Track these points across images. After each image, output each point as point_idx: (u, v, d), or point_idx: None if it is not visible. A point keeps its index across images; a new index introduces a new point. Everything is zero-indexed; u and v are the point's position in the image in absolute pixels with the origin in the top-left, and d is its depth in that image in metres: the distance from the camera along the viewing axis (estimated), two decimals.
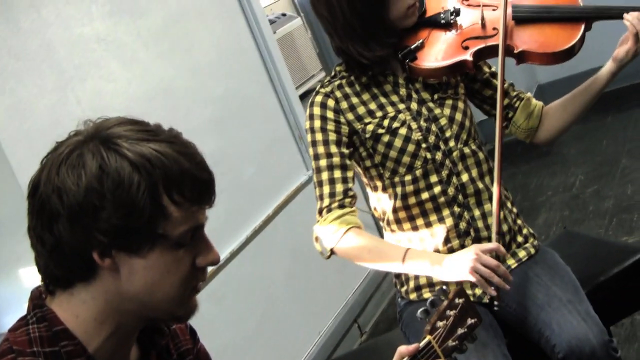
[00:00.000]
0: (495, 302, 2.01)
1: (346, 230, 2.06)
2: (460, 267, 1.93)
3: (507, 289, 1.94)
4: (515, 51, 2.11)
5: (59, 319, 1.29)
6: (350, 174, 2.13)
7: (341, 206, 2.09)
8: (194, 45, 3.27)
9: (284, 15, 4.38)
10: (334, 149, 2.12)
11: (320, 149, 2.13)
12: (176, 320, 1.41)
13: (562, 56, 2.11)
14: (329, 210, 2.09)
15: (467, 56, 2.12)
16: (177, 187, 1.25)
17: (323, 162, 2.12)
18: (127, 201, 1.22)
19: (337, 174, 2.11)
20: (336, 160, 2.11)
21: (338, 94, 2.16)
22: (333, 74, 2.22)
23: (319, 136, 2.13)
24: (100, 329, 1.30)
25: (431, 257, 2.01)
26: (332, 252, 2.09)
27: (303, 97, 4.14)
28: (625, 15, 2.08)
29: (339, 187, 2.10)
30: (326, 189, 2.11)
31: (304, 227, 3.66)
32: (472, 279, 1.91)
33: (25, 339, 1.27)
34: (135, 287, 1.28)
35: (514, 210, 2.28)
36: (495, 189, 2.07)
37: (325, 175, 2.12)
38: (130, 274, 1.27)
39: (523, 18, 2.15)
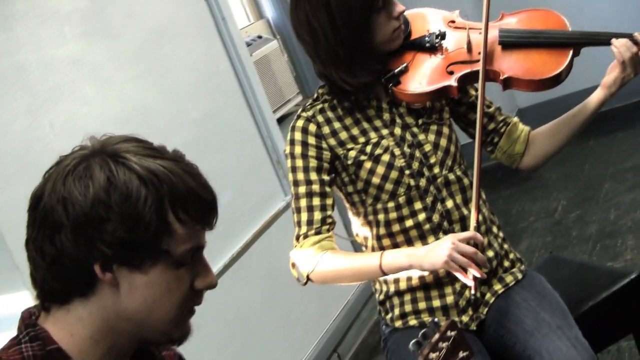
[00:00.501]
0: (472, 292, 2.01)
1: (322, 255, 2.07)
2: (437, 256, 1.93)
3: (484, 277, 1.95)
4: (501, 77, 2.11)
5: (52, 338, 1.28)
6: (329, 201, 2.13)
7: (318, 233, 2.10)
8: (170, 67, 3.27)
9: (259, 37, 4.39)
10: (314, 176, 2.12)
11: (300, 176, 2.13)
12: (171, 343, 1.40)
13: (549, 83, 2.11)
14: (306, 237, 2.10)
15: (452, 82, 2.12)
16: (182, 205, 1.27)
17: (302, 189, 2.12)
18: (133, 214, 1.23)
19: (316, 201, 2.11)
20: (315, 187, 2.11)
21: (320, 118, 2.16)
22: (315, 96, 2.22)
23: (299, 162, 2.13)
24: (95, 348, 1.30)
25: (407, 251, 2.02)
26: (308, 278, 2.09)
27: (280, 121, 4.14)
28: (613, 41, 2.09)
29: (317, 215, 2.10)
30: (304, 216, 2.11)
31: (283, 254, 3.64)
32: (449, 268, 1.92)
33: (19, 358, 1.26)
34: (133, 305, 1.28)
35: (501, 234, 2.29)
36: (473, 209, 2.07)
37: (303, 202, 2.12)
38: (130, 290, 1.27)
39: (509, 43, 2.15)
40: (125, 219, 1.23)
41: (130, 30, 3.11)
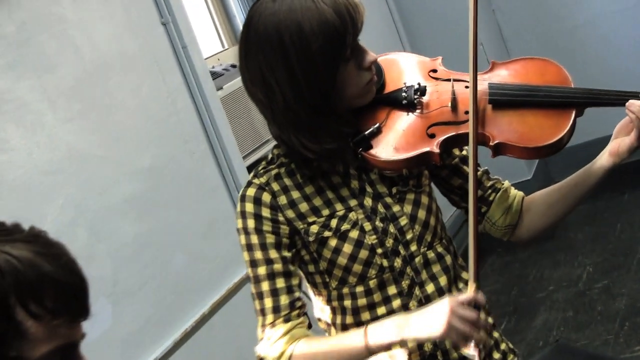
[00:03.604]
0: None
1: (294, 346, 2.02)
2: (434, 324, 1.88)
3: (490, 344, 1.93)
4: (491, 143, 2.04)
5: None
6: (295, 281, 2.08)
7: (287, 320, 2.05)
8: (115, 106, 3.24)
9: (233, 67, 4.33)
10: (273, 253, 2.07)
11: (258, 255, 2.08)
12: None
13: (547, 151, 2.04)
14: (274, 326, 2.05)
15: (433, 147, 2.05)
16: (34, 296, 1.22)
17: (262, 270, 2.07)
18: None
19: (280, 283, 2.06)
20: (277, 266, 2.06)
21: (275, 186, 2.10)
22: (270, 158, 2.17)
23: (254, 239, 2.08)
24: None
25: (396, 322, 1.96)
26: None
27: (253, 167, 4.06)
28: (628, 104, 2.00)
29: (284, 299, 2.06)
30: (268, 303, 2.06)
31: (248, 328, 3.59)
32: (448, 337, 1.87)
33: None
34: None
35: (490, 320, 2.23)
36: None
37: (266, 286, 2.07)
38: None
39: (501, 102, 2.08)
40: None
41: (66, 62, 3.07)
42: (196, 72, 3.61)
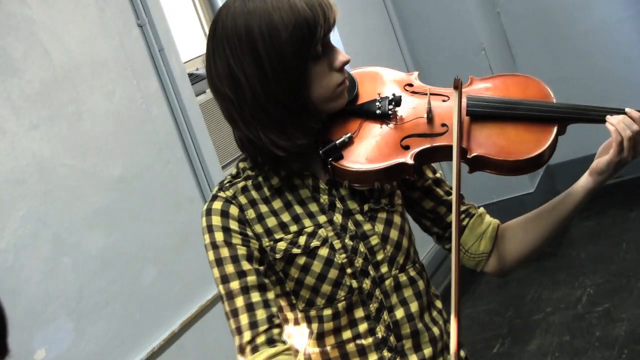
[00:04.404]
0: None
1: None
2: None
3: None
4: (469, 156, 2.04)
5: None
6: (271, 294, 2.04)
7: (270, 341, 2.00)
8: (84, 113, 3.23)
9: None
10: (246, 265, 2.03)
11: (230, 268, 2.03)
12: None
13: (527, 166, 2.04)
14: (255, 348, 1.99)
15: (407, 158, 2.05)
16: None
17: (235, 284, 2.02)
18: None
19: (256, 296, 2.02)
20: (251, 279, 2.02)
21: (242, 199, 2.09)
22: (235, 172, 2.17)
23: (225, 252, 2.05)
24: None
25: None
26: None
27: None
28: (608, 118, 2.03)
29: (261, 314, 2.00)
30: (244, 319, 2.00)
31: (220, 348, 3.61)
32: None
33: None
34: None
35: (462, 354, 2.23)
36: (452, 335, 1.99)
37: (240, 301, 2.01)
38: None
39: (480, 114, 2.08)
40: None
41: (32, 65, 3.06)
42: (173, 76, 3.60)
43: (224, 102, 2.09)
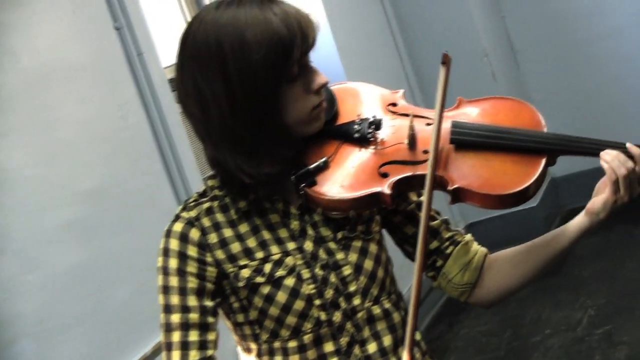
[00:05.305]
0: None
1: None
2: None
3: None
4: (450, 187, 1.99)
5: None
6: (211, 336, 2.03)
7: None
8: (56, 121, 3.22)
9: None
10: (192, 300, 2.02)
11: (174, 299, 2.03)
12: None
13: (511, 200, 1.99)
14: None
15: (385, 188, 2.00)
16: None
17: (176, 318, 2.02)
18: None
19: (194, 336, 2.02)
20: (194, 317, 2.02)
21: (206, 221, 2.06)
22: (202, 190, 2.13)
23: (174, 281, 2.04)
24: None
25: None
26: None
27: None
28: (602, 154, 1.98)
29: (194, 355, 2.00)
30: (176, 356, 2.01)
31: None
32: None
33: None
34: None
35: None
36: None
37: (177, 337, 2.01)
38: None
39: (464, 142, 2.04)
40: None
41: (2, 70, 3.05)
42: (152, 82, 3.59)
43: (191, 119, 2.06)
